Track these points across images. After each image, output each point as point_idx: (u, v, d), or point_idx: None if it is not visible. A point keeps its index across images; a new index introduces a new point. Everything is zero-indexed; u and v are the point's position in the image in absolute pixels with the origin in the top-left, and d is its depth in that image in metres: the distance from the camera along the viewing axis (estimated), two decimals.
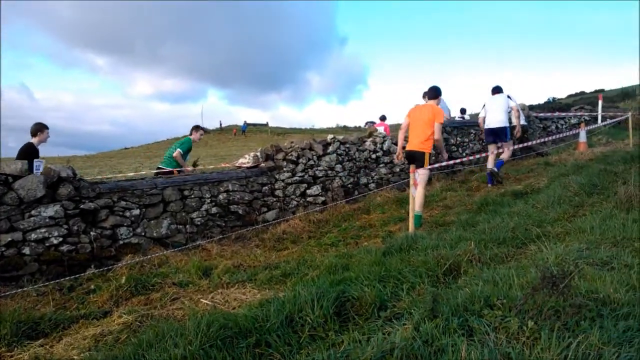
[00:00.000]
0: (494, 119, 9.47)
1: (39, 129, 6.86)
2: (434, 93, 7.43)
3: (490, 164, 9.33)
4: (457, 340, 2.45)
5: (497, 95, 9.65)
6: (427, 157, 7.08)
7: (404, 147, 7.53)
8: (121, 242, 6.08)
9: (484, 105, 9.85)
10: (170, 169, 8.40)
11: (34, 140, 6.88)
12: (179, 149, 8.66)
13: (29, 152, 6.66)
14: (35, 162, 6.37)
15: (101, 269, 5.38)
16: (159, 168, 8.85)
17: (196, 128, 9.42)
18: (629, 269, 3.39)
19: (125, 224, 6.14)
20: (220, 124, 61.09)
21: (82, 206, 5.78)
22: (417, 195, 6.66)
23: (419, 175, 6.87)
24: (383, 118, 16.42)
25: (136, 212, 6.25)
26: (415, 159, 7.06)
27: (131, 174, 10.82)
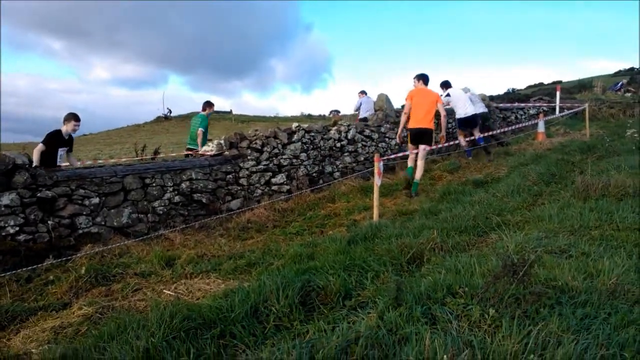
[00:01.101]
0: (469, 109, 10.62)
1: (67, 118, 6.91)
2: (428, 79, 8.56)
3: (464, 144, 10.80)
4: (420, 328, 2.48)
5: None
6: (433, 134, 8.31)
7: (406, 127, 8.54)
8: (80, 231, 5.92)
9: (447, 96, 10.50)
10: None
11: (63, 128, 6.92)
12: (201, 128, 9.49)
13: (53, 139, 6.81)
14: (60, 151, 6.86)
15: (60, 260, 5.23)
16: (188, 149, 9.53)
17: (209, 104, 10.24)
18: (586, 256, 3.50)
19: (84, 213, 5.98)
20: (169, 112, 59.10)
21: (38, 194, 5.59)
22: (418, 167, 8.09)
23: (422, 150, 8.08)
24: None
25: (95, 200, 6.09)
26: (423, 135, 8.15)
27: (89, 162, 10.52)
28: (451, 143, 10.85)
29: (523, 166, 8.36)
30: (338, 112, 17.78)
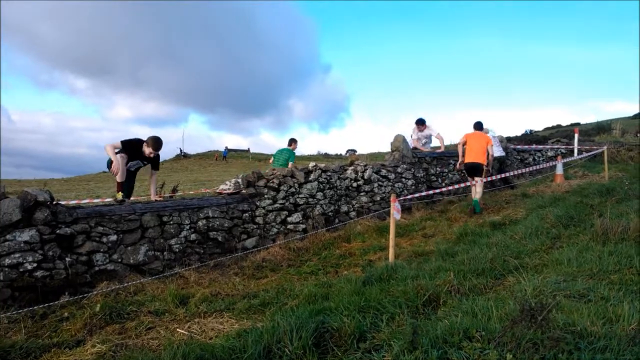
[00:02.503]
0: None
1: (147, 141, 7.16)
2: (480, 126, 10.74)
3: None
4: None
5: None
6: (484, 168, 10.07)
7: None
8: (97, 268, 5.96)
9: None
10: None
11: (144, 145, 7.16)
12: (291, 162, 10.64)
13: (129, 147, 7.07)
14: (133, 164, 7.18)
15: (75, 296, 5.25)
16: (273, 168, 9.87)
17: (294, 140, 11.67)
18: (605, 301, 3.43)
19: (101, 250, 6.03)
20: (182, 153, 60.19)
21: (58, 231, 5.67)
22: (478, 191, 10.03)
23: (479, 181, 10.06)
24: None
25: (113, 237, 6.15)
26: (476, 169, 10.09)
27: (108, 199, 10.67)
28: (467, 184, 10.83)
29: (541, 208, 8.27)
30: (355, 151, 17.96)
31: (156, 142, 7.21)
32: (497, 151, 13.15)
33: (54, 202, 5.83)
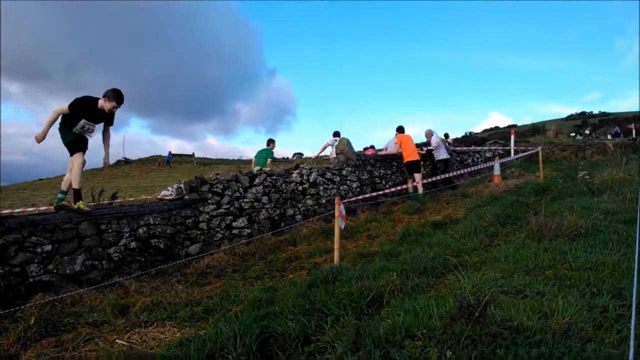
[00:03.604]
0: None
1: (108, 95, 6.34)
2: (403, 129, 12.65)
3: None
4: None
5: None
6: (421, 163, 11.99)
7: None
8: (31, 280, 5.66)
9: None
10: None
11: (100, 102, 6.35)
12: (269, 159, 12.11)
13: (82, 106, 6.24)
14: (85, 123, 6.29)
15: (8, 309, 4.97)
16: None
17: (272, 141, 12.97)
18: (540, 296, 3.56)
19: (36, 261, 5.74)
20: (124, 160, 58.12)
21: None
22: (419, 185, 11.53)
23: (418, 177, 11.67)
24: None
25: (48, 248, 5.87)
26: (416, 165, 11.80)
27: (44, 207, 10.21)
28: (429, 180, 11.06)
29: (480, 208, 8.54)
30: (302, 154, 18.14)
31: (119, 95, 6.43)
32: (443, 153, 13.49)
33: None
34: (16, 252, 5.61)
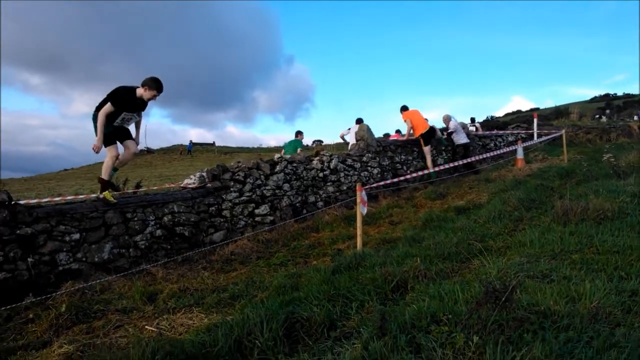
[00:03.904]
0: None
1: (148, 83, 6.38)
2: (406, 107, 12.77)
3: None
4: (405, 357, 2.48)
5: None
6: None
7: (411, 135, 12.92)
8: (61, 268, 5.81)
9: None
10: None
11: (138, 91, 6.40)
12: (299, 148, 12.63)
13: (125, 97, 6.31)
14: (125, 115, 6.42)
15: (40, 297, 5.11)
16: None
17: (300, 132, 13.75)
18: (567, 280, 3.53)
19: (64, 249, 5.88)
20: (147, 149, 58.38)
21: (18, 232, 5.50)
22: (427, 159, 12.43)
23: (427, 150, 12.45)
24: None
25: (76, 236, 6.01)
26: (431, 134, 12.51)
27: (70, 197, 10.40)
28: (432, 170, 11.00)
29: (503, 192, 8.45)
30: (321, 141, 18.15)
31: (159, 84, 6.44)
32: (463, 138, 13.43)
33: (13, 202, 5.66)
34: (45, 241, 5.75)
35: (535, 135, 16.65)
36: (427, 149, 12.48)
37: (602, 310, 2.88)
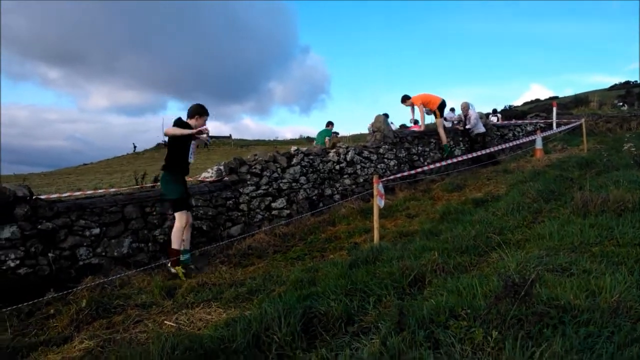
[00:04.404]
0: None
1: (196, 112, 6.25)
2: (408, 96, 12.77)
3: None
4: (424, 353, 2.47)
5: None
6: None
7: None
8: (81, 263, 5.90)
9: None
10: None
11: (191, 122, 6.19)
12: (327, 137, 13.49)
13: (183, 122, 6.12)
14: (192, 146, 6.25)
15: (61, 292, 5.18)
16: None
17: (331, 123, 14.76)
18: (587, 274, 3.48)
19: (85, 244, 5.97)
20: (165, 143, 58.60)
21: (39, 226, 5.59)
22: (440, 132, 12.67)
23: (440, 122, 12.87)
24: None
25: (96, 231, 6.09)
26: (443, 107, 12.87)
27: (90, 191, 10.53)
28: (449, 162, 10.92)
29: (522, 183, 8.36)
30: (337, 133, 18.06)
31: (204, 107, 6.29)
32: (480, 127, 13.30)
33: (34, 197, 5.75)
34: (66, 235, 5.84)
35: (554, 124, 16.45)
36: (439, 121, 12.82)
37: (623, 305, 2.84)
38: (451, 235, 5.52)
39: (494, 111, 20.95)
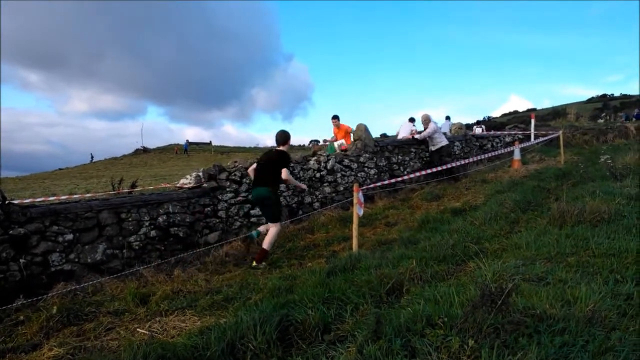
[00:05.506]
0: None
1: (287, 138, 7.11)
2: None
3: None
4: None
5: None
6: None
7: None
8: (53, 269, 5.76)
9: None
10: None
11: (285, 147, 7.06)
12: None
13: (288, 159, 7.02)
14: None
15: (31, 299, 5.06)
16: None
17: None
18: (563, 284, 3.50)
19: (57, 250, 5.83)
20: (143, 149, 58.44)
21: (11, 232, 5.45)
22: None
23: None
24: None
25: (69, 237, 5.96)
26: None
27: (65, 196, 10.36)
28: (429, 171, 10.96)
29: (500, 194, 8.44)
30: (318, 141, 18.06)
31: (287, 132, 7.16)
32: (442, 141, 12.51)
33: (7, 202, 5.61)
34: (38, 241, 5.71)
35: (532, 136, 16.65)
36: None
37: (597, 314, 2.86)
38: (429, 244, 5.53)
39: (478, 122, 21.32)
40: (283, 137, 7.03)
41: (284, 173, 6.70)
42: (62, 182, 27.22)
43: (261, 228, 7.14)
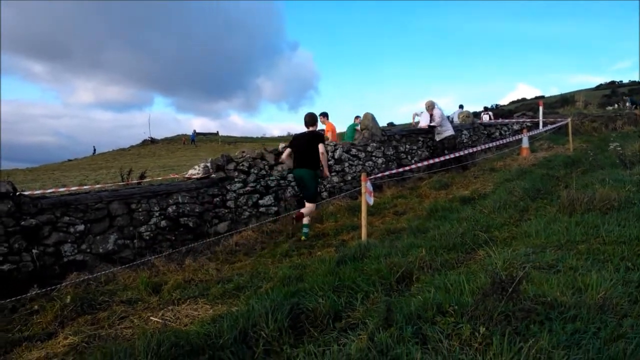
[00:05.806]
0: None
1: (318, 117, 8.02)
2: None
3: None
4: (411, 349, 2.46)
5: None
6: None
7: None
8: (65, 259, 5.83)
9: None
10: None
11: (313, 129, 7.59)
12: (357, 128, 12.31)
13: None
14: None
15: (45, 289, 5.13)
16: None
17: (358, 117, 13.35)
18: (574, 271, 3.51)
19: (69, 241, 5.89)
20: (151, 139, 58.64)
21: (22, 223, 5.51)
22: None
23: None
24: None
25: (81, 227, 6.01)
26: None
27: (75, 187, 10.42)
28: (436, 160, 10.93)
29: (509, 182, 8.42)
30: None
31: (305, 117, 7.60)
32: (447, 130, 12.49)
33: (17, 193, 5.66)
34: (50, 232, 5.76)
35: (540, 123, 16.56)
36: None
37: (608, 301, 2.86)
38: (439, 232, 5.53)
39: (485, 109, 21.08)
40: (312, 118, 7.60)
41: (322, 147, 7.19)
42: (71, 174, 27.37)
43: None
